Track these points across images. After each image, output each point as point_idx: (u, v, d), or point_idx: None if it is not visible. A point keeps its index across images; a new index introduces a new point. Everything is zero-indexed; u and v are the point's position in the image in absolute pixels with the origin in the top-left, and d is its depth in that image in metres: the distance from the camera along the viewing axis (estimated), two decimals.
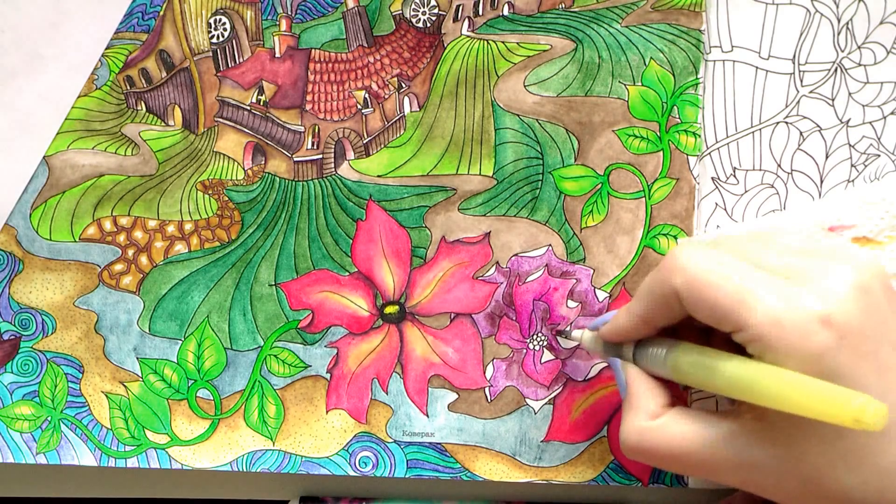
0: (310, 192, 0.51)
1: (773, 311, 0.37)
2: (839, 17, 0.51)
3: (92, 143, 0.51)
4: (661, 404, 0.42)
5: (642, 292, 0.42)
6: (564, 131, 0.52)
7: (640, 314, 0.42)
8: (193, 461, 0.51)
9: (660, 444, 0.41)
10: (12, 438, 0.51)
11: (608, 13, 0.52)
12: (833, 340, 0.36)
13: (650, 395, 0.43)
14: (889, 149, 0.51)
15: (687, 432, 0.40)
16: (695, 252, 0.40)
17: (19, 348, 0.51)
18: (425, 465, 0.51)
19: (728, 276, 0.38)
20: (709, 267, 0.39)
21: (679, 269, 0.39)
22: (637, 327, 0.43)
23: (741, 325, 0.37)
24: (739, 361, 0.38)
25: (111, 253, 0.51)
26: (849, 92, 0.51)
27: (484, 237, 0.51)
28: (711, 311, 0.38)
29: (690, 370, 0.40)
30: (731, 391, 0.38)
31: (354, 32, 0.52)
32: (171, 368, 0.51)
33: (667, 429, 0.41)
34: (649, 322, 0.42)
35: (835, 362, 0.36)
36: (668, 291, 0.40)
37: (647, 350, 0.43)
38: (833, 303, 0.37)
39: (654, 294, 0.41)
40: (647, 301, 0.42)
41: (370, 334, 0.51)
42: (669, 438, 0.40)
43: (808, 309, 0.36)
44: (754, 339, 0.37)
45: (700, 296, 0.39)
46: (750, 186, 0.52)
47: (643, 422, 0.42)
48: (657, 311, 0.41)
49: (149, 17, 0.51)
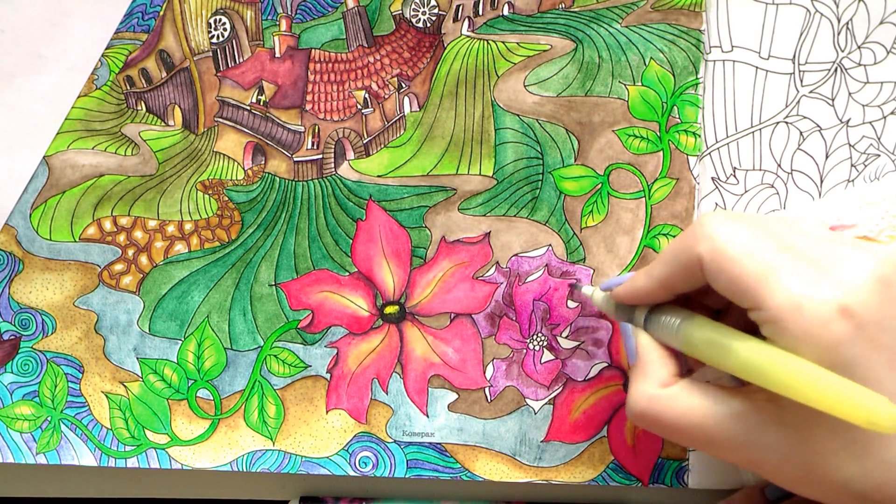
0: (310, 192, 0.51)
1: (794, 295, 0.36)
2: (839, 16, 0.51)
3: (92, 143, 0.51)
4: (671, 373, 0.42)
5: (665, 256, 0.41)
6: (564, 131, 0.52)
7: (660, 278, 0.42)
8: (193, 461, 0.51)
9: (667, 413, 0.40)
10: (12, 438, 0.51)
11: (608, 13, 0.52)
12: (850, 331, 0.36)
13: (662, 362, 0.42)
14: (889, 149, 0.51)
15: (696, 405, 0.40)
16: (723, 222, 0.39)
17: (19, 348, 0.51)
18: (425, 465, 0.51)
19: (753, 251, 0.38)
20: (735, 239, 0.38)
21: (705, 236, 0.39)
22: (655, 291, 0.42)
23: (759, 304, 0.37)
24: (755, 344, 0.37)
25: (111, 253, 0.51)
26: (849, 92, 0.51)
27: (484, 237, 0.51)
28: (732, 285, 0.38)
29: (703, 346, 0.40)
30: (744, 373, 0.38)
31: (354, 32, 0.52)
32: (171, 368, 0.51)
33: (676, 399, 0.40)
34: (668, 287, 0.42)
35: (851, 353, 0.36)
36: (692, 258, 0.39)
37: (661, 318, 0.42)
38: (853, 293, 0.36)
39: (678, 259, 0.40)
40: (669, 265, 0.41)
41: (370, 334, 0.51)
42: (678, 409, 0.40)
43: (827, 297, 0.36)
44: (771, 320, 0.37)
45: (723, 267, 0.38)
46: (750, 186, 0.52)
47: (653, 388, 0.41)
48: (678, 277, 0.41)
49: (149, 17, 0.51)
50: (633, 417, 0.42)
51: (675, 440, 0.41)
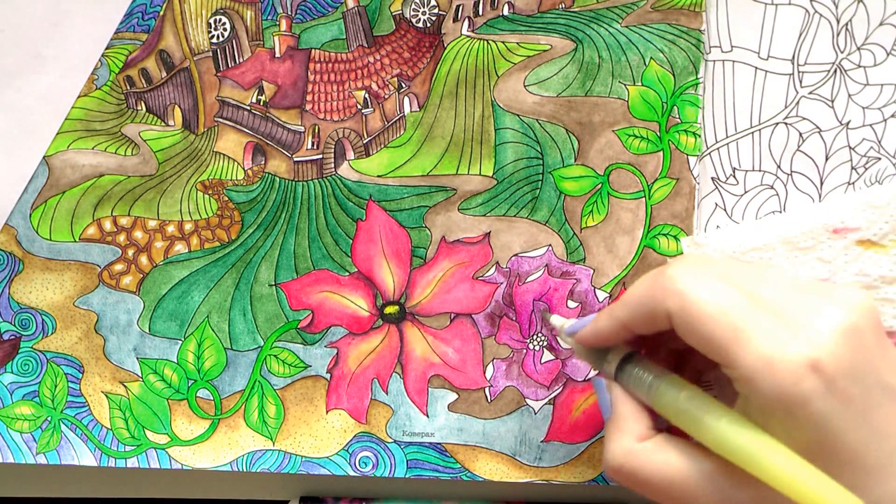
0: (310, 192, 0.51)
1: (765, 354, 0.37)
2: (838, 17, 0.51)
3: (92, 143, 0.51)
4: (647, 426, 0.42)
5: (631, 301, 0.41)
6: (564, 131, 0.52)
7: (623, 320, 0.42)
8: (193, 461, 0.51)
9: (643, 468, 0.41)
10: (12, 438, 0.51)
11: (608, 13, 0.52)
12: (821, 386, 0.36)
13: (637, 416, 0.42)
14: (890, 152, 0.51)
15: (672, 462, 0.40)
16: (693, 277, 0.39)
17: (19, 348, 0.51)
18: (425, 465, 0.51)
19: (724, 310, 0.38)
20: (706, 297, 0.38)
21: (675, 292, 0.39)
22: (617, 332, 0.42)
23: (731, 363, 0.37)
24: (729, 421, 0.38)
25: (111, 253, 0.51)
26: (848, 94, 0.52)
27: (484, 237, 0.51)
28: (704, 342, 0.38)
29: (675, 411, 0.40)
30: (717, 448, 0.38)
31: (354, 32, 0.51)
32: (171, 368, 0.51)
33: (652, 454, 0.41)
34: (630, 328, 0.42)
35: (822, 408, 0.36)
36: (659, 310, 0.40)
37: (633, 371, 0.43)
38: (822, 347, 0.37)
39: (644, 307, 0.40)
40: (633, 310, 0.41)
41: (370, 334, 0.51)
42: (653, 464, 0.40)
43: (797, 354, 0.36)
44: (743, 378, 0.37)
45: (694, 325, 0.38)
46: (750, 187, 0.52)
47: (631, 443, 0.41)
48: (642, 322, 0.41)
49: (149, 17, 0.51)
50: (609, 472, 0.42)
51: (650, 496, 0.41)
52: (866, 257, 0.49)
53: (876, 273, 0.48)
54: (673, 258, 0.40)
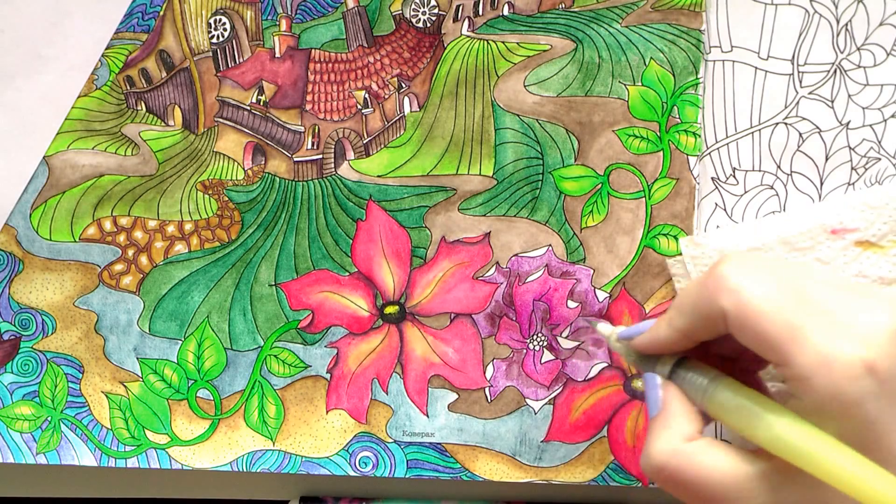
0: (310, 192, 0.51)
1: (822, 353, 0.36)
2: (838, 18, 0.51)
3: (92, 143, 0.51)
4: (696, 429, 0.41)
5: (685, 306, 0.41)
6: (564, 131, 0.52)
7: (683, 329, 0.41)
8: (193, 461, 0.51)
9: (689, 468, 0.40)
10: (12, 438, 0.51)
11: (608, 13, 0.52)
12: (875, 387, 0.36)
13: (688, 417, 0.41)
14: (890, 152, 0.51)
15: (721, 462, 0.39)
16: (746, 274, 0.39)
17: (19, 348, 0.51)
18: (425, 465, 0.51)
19: (778, 307, 0.37)
20: (760, 293, 0.38)
21: (729, 290, 0.38)
22: (678, 341, 0.42)
23: (787, 361, 0.37)
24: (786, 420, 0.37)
25: (111, 253, 0.51)
26: (848, 94, 0.52)
27: (484, 237, 0.51)
28: (759, 341, 0.38)
29: (732, 411, 0.39)
30: (772, 447, 0.37)
31: (354, 32, 0.51)
32: (171, 368, 0.51)
33: (700, 454, 0.40)
34: (691, 337, 0.41)
35: (873, 409, 0.36)
36: (714, 310, 0.39)
37: (687, 374, 0.42)
38: (875, 348, 0.36)
39: (700, 311, 0.40)
40: (690, 317, 0.40)
41: (370, 334, 0.51)
42: (701, 464, 0.39)
43: (854, 354, 0.36)
44: (799, 377, 0.37)
45: (749, 323, 0.38)
46: (750, 187, 0.52)
47: (678, 442, 0.40)
48: (700, 328, 0.40)
49: (149, 17, 0.51)
50: (650, 470, 0.41)
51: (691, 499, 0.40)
52: (865, 258, 0.49)
53: (874, 274, 0.48)
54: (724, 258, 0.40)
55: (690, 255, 0.51)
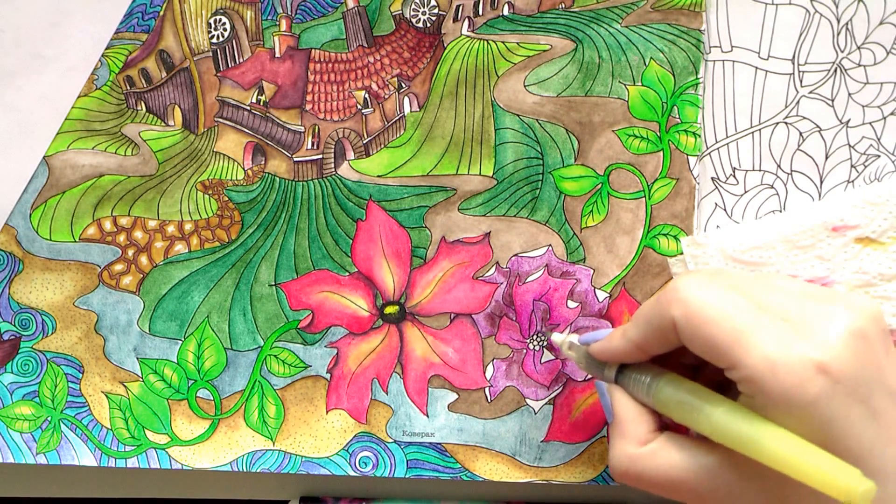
0: (310, 192, 0.51)
1: (770, 354, 0.37)
2: (839, 17, 0.51)
3: (92, 143, 0.51)
4: (649, 430, 0.42)
5: (640, 318, 0.42)
6: (564, 131, 0.52)
7: (636, 340, 0.42)
8: (193, 461, 0.51)
9: (648, 470, 0.41)
10: (12, 438, 0.51)
11: (608, 13, 0.52)
12: (827, 388, 0.37)
13: (638, 420, 0.43)
14: (889, 149, 0.51)
15: (676, 461, 0.41)
16: (696, 285, 0.40)
17: (19, 348, 0.51)
18: (425, 465, 0.51)
19: (727, 313, 0.38)
20: (709, 301, 0.39)
21: (679, 300, 0.40)
22: (630, 352, 0.43)
23: (736, 364, 0.38)
24: (726, 408, 0.38)
25: (111, 253, 0.51)
26: (848, 92, 0.51)
27: (484, 237, 0.51)
28: (707, 346, 0.39)
29: (674, 406, 0.41)
30: (716, 436, 0.39)
31: (354, 32, 0.52)
32: (171, 368, 0.51)
33: (655, 456, 0.41)
34: (643, 349, 0.42)
35: (828, 410, 0.37)
36: (665, 321, 0.40)
37: (631, 375, 0.43)
38: (828, 350, 0.37)
39: (652, 322, 0.41)
40: (643, 328, 0.42)
41: (370, 334, 0.51)
42: (658, 466, 0.41)
43: (804, 355, 0.37)
44: (747, 380, 0.37)
45: (698, 330, 0.39)
46: (750, 187, 0.52)
47: (632, 448, 0.42)
48: (653, 339, 0.41)
49: (149, 17, 0.51)
50: (616, 477, 0.43)
51: (661, 495, 0.42)
52: (865, 254, 0.49)
53: (875, 270, 0.48)
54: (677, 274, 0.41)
55: (692, 255, 0.51)
